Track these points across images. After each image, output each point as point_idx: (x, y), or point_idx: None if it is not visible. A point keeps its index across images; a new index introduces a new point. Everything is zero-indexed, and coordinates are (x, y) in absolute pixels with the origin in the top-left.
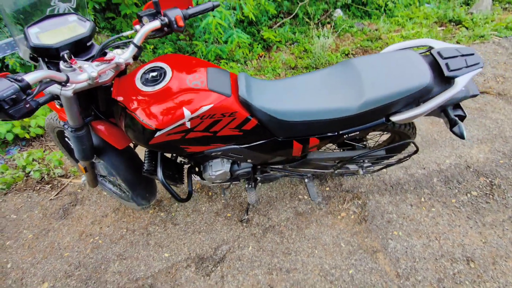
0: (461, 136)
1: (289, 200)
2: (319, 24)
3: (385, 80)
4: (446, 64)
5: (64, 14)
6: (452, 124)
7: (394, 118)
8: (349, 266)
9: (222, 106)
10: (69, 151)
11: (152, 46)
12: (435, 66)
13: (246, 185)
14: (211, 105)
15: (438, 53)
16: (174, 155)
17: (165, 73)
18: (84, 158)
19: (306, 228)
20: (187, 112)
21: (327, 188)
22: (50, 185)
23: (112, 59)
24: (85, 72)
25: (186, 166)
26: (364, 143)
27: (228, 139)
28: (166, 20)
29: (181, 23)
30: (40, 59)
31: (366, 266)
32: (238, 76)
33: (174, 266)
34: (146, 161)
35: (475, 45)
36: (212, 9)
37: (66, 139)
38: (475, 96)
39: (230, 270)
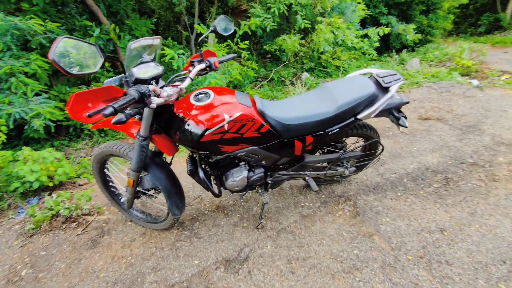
0: (405, 126)
1: (293, 208)
2: (292, 84)
3: (349, 92)
4: (383, 80)
5: (148, 62)
6: (397, 119)
7: (359, 116)
8: (353, 248)
9: (247, 113)
10: (105, 183)
11: None
12: (376, 82)
13: (260, 190)
14: (241, 112)
15: (377, 75)
16: (208, 160)
17: (209, 95)
18: (138, 168)
19: (312, 226)
20: (226, 116)
21: (323, 196)
22: (75, 223)
23: (179, 85)
24: (166, 92)
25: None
26: (345, 149)
27: (250, 140)
28: (208, 63)
29: (217, 65)
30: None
31: (367, 246)
32: (254, 96)
33: (205, 269)
34: (188, 165)
35: (413, 89)
36: (233, 58)
37: (106, 170)
38: (407, 103)
39: (255, 265)
